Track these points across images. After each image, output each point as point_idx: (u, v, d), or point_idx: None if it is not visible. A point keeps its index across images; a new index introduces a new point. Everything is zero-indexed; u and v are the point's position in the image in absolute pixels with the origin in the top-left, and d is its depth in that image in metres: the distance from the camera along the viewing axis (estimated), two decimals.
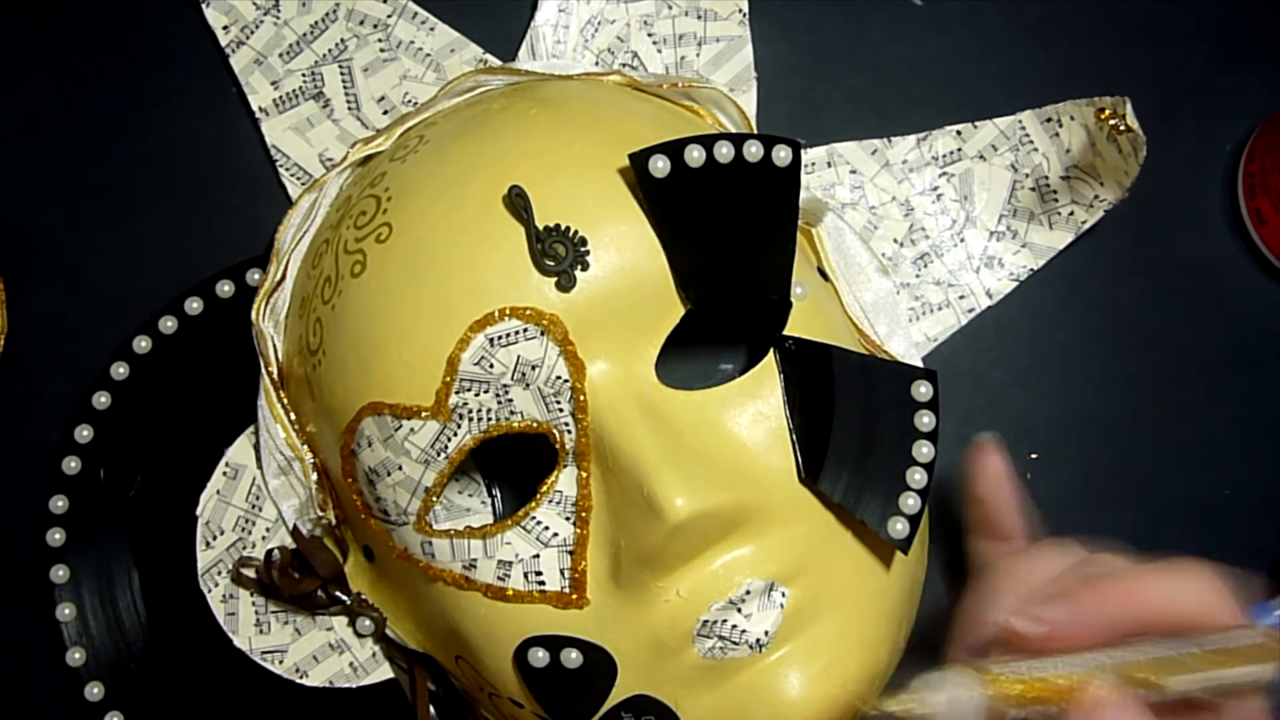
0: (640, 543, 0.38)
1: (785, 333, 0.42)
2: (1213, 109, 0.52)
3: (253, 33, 0.49)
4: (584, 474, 0.40)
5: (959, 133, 0.50)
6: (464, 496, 0.47)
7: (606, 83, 0.47)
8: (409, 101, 0.49)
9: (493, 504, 0.47)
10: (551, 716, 0.41)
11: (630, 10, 0.49)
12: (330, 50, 0.49)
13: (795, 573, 0.40)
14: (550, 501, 0.41)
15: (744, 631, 0.39)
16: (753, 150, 0.40)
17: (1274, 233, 0.50)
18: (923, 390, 0.42)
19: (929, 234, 0.50)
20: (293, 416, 0.46)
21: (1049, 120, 0.50)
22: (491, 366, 0.39)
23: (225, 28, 0.49)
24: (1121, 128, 0.47)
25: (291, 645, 0.47)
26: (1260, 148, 0.50)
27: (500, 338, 0.39)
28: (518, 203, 0.39)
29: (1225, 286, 0.51)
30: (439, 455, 0.40)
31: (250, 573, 0.47)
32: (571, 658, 0.40)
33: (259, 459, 0.47)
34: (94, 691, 0.47)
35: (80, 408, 0.48)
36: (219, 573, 0.47)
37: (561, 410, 0.40)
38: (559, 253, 0.39)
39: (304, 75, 0.49)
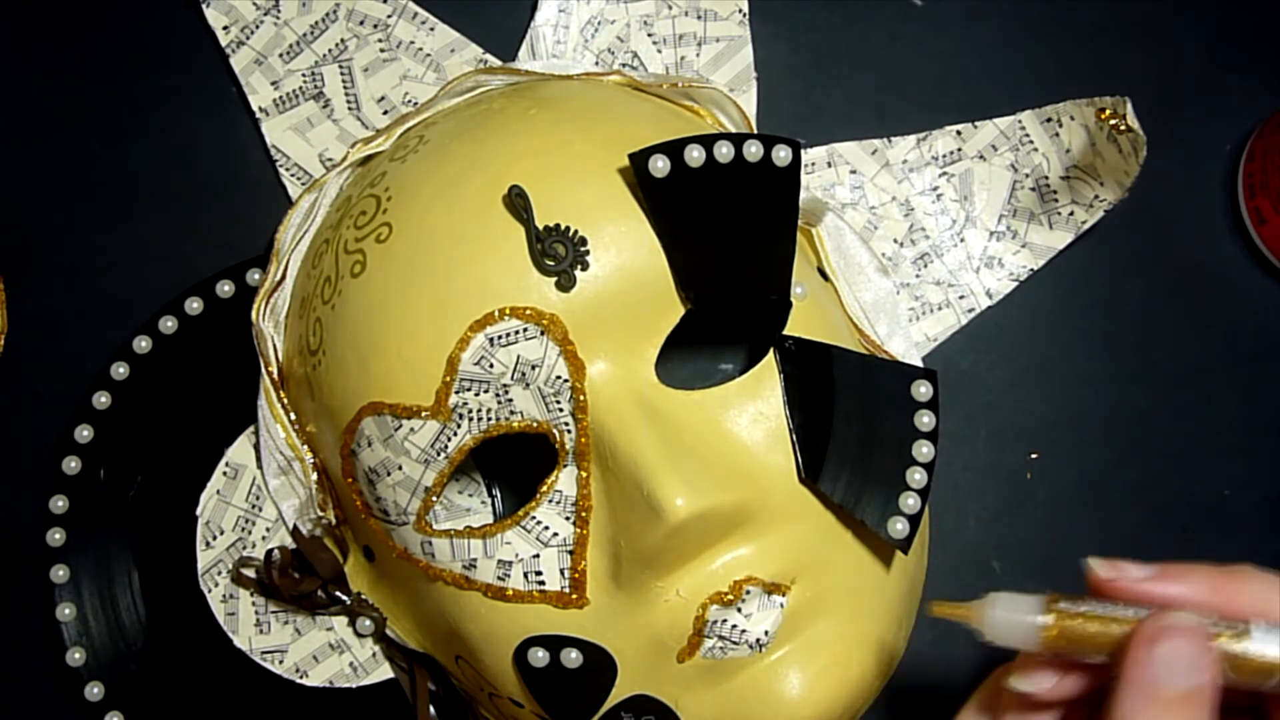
0: (640, 543, 0.38)
1: (785, 333, 0.42)
2: (1213, 109, 0.52)
3: (253, 33, 0.49)
4: (584, 474, 0.40)
5: (959, 133, 0.50)
6: (464, 496, 0.46)
7: (606, 83, 0.47)
8: (409, 101, 0.49)
9: (493, 504, 0.47)
10: (551, 716, 0.41)
11: (630, 10, 0.49)
12: (330, 50, 0.49)
13: (795, 573, 0.40)
14: (550, 501, 0.41)
15: (744, 631, 0.39)
16: (753, 150, 0.40)
17: (1274, 233, 0.50)
18: (923, 390, 0.42)
19: (929, 234, 0.50)
20: (293, 416, 0.46)
21: (1049, 120, 0.50)
22: (491, 366, 0.39)
23: (225, 28, 0.49)
24: (1121, 128, 0.47)
25: (291, 645, 0.47)
26: (1260, 148, 0.50)
27: (500, 337, 0.39)
28: (518, 202, 0.39)
29: (1225, 286, 0.51)
30: (439, 455, 0.40)
31: (250, 573, 0.47)
32: (571, 657, 0.40)
33: (259, 459, 0.47)
34: (94, 691, 0.47)
35: (80, 408, 0.48)
36: (219, 573, 0.47)
37: (561, 410, 0.40)
38: (559, 252, 0.39)
39: (304, 75, 0.49)
